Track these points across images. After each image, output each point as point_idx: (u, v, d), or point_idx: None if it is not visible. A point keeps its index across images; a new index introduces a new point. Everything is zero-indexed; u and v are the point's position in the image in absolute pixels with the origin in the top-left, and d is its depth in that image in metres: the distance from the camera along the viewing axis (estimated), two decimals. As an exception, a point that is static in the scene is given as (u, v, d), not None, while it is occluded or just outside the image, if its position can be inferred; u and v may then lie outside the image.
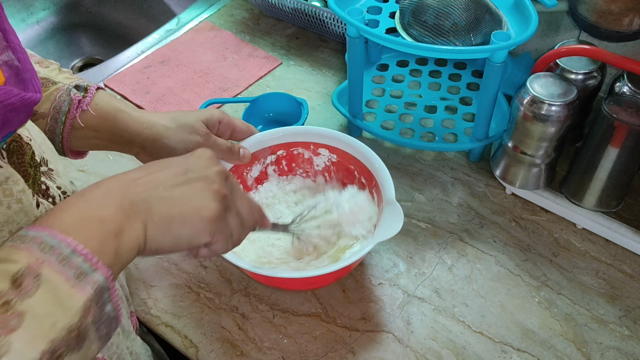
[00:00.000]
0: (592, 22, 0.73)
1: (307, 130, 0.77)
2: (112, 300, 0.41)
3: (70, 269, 0.39)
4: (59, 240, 0.40)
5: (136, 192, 0.45)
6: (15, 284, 0.37)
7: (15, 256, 0.39)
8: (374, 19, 0.79)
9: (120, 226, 0.43)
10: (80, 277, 0.39)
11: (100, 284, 0.40)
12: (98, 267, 0.40)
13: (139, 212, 0.45)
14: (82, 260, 0.40)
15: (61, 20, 1.37)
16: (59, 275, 0.38)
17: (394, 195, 0.66)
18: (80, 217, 0.42)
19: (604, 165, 0.72)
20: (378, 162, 0.71)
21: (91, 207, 0.43)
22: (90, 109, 0.64)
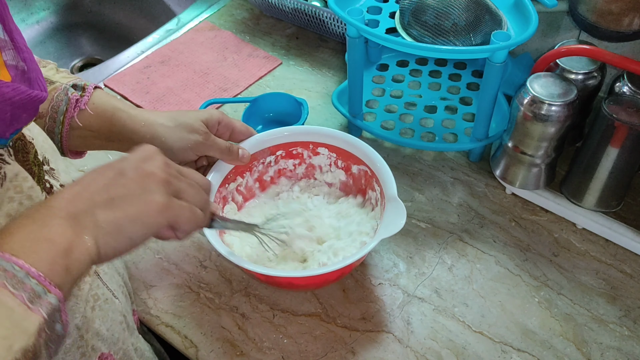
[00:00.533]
0: (592, 22, 0.73)
1: (307, 130, 0.77)
2: (62, 319, 0.42)
3: (24, 292, 0.39)
4: (11, 263, 0.40)
5: (78, 206, 0.45)
6: None
7: None
8: (374, 19, 0.79)
9: (70, 243, 0.43)
10: (33, 300, 0.39)
11: (53, 306, 0.40)
12: (51, 289, 0.40)
13: (86, 225, 0.44)
14: (35, 283, 0.40)
15: (61, 20, 1.37)
16: (14, 298, 0.39)
17: (395, 192, 0.66)
18: (28, 238, 0.42)
19: (604, 165, 0.72)
20: (379, 160, 0.71)
21: (38, 227, 0.43)
22: (88, 108, 0.64)
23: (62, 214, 0.44)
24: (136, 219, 0.46)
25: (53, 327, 0.41)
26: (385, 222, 0.64)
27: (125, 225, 0.46)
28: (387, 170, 0.69)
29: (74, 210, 0.45)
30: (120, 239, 0.46)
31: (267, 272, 0.63)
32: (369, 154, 0.72)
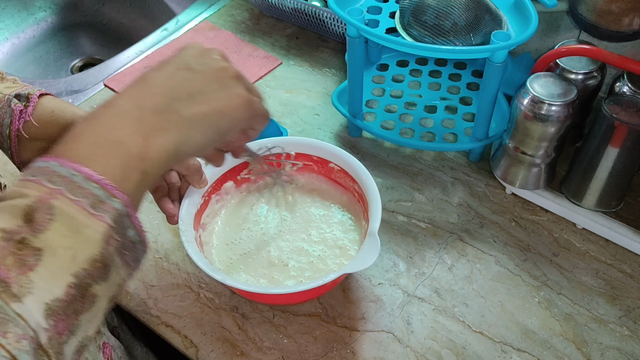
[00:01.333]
0: (592, 22, 0.73)
1: (297, 141, 0.77)
2: (135, 225, 0.39)
3: (84, 197, 0.36)
4: (68, 168, 0.37)
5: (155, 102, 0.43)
6: (28, 219, 0.35)
7: (24, 190, 0.36)
8: (374, 19, 0.79)
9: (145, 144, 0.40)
10: (96, 205, 0.37)
11: (119, 211, 0.38)
12: (114, 194, 0.38)
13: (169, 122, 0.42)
14: (96, 187, 0.37)
15: (61, 20, 1.37)
16: (73, 205, 0.36)
17: (377, 227, 0.64)
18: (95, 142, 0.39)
19: (604, 165, 0.72)
20: (373, 191, 0.69)
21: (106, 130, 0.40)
22: (35, 119, 0.59)
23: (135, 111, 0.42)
24: (224, 112, 0.45)
25: (124, 234, 0.38)
26: (359, 255, 0.63)
27: (213, 119, 0.45)
28: (378, 203, 0.67)
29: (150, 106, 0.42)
30: (207, 133, 0.44)
31: (239, 286, 0.63)
32: (366, 182, 0.71)
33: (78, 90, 1.02)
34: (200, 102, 0.44)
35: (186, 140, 0.43)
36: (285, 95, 0.98)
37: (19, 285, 0.33)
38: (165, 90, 0.44)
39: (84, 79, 1.04)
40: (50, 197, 0.36)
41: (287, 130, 0.86)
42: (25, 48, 1.33)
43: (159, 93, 0.44)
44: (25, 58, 1.32)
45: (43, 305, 0.34)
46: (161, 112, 0.42)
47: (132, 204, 0.39)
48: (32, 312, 0.33)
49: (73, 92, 1.02)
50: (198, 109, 0.44)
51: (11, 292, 0.33)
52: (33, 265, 0.34)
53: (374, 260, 0.61)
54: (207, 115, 0.44)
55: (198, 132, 0.44)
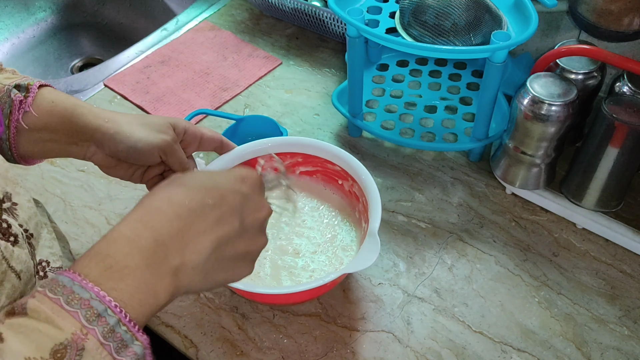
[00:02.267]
0: (592, 22, 0.73)
1: (297, 141, 0.77)
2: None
3: (114, 341, 0.37)
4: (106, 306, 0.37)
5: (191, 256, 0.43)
6: (57, 356, 0.35)
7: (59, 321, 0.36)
8: (374, 19, 0.79)
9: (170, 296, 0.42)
10: (120, 349, 0.37)
11: (138, 355, 0.39)
12: (138, 337, 0.39)
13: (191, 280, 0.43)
14: (125, 330, 0.38)
15: (61, 20, 1.37)
16: (101, 349, 0.37)
17: (377, 227, 0.65)
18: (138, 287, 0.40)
19: (604, 165, 0.72)
20: (373, 191, 0.69)
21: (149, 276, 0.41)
22: (35, 109, 0.59)
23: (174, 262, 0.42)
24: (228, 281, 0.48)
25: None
26: (359, 255, 0.63)
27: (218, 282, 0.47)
28: (378, 203, 0.67)
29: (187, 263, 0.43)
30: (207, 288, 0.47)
31: (241, 287, 0.63)
32: (365, 181, 0.71)
33: (78, 90, 1.02)
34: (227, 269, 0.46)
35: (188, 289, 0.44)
36: (285, 95, 0.98)
37: None
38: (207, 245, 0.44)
39: (84, 79, 1.04)
40: (83, 338, 0.36)
41: (287, 130, 0.86)
42: (25, 48, 1.33)
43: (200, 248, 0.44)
44: (25, 58, 1.32)
45: None
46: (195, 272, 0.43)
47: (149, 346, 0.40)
48: None
49: (73, 92, 1.02)
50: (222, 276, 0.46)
51: None
52: None
53: (374, 260, 0.61)
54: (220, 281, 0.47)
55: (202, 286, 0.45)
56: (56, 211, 0.83)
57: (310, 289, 0.62)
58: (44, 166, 0.88)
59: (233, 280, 0.48)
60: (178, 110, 0.97)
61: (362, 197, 0.71)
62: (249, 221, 0.47)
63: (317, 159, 0.76)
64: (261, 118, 0.88)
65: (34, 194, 0.85)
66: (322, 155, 0.75)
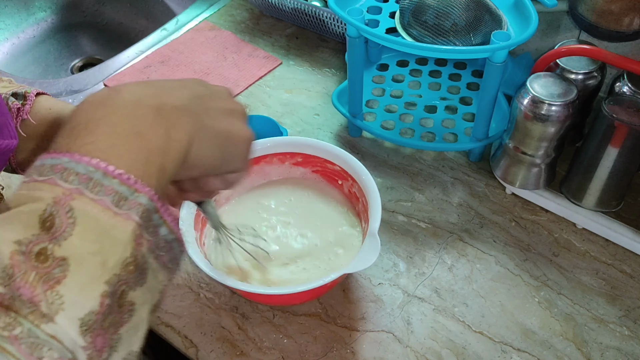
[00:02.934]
0: (592, 22, 0.73)
1: (296, 141, 0.77)
2: (166, 222, 0.36)
3: (105, 195, 0.33)
4: (84, 164, 0.33)
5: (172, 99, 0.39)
6: (46, 226, 0.31)
7: (36, 193, 0.32)
8: (374, 19, 0.79)
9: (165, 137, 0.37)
10: (119, 203, 0.33)
11: (145, 206, 0.34)
12: (138, 188, 0.34)
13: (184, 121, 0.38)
14: (117, 183, 0.33)
15: (61, 20, 1.37)
16: (95, 204, 0.32)
17: (377, 227, 0.65)
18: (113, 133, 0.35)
19: (604, 165, 0.72)
20: (373, 190, 0.69)
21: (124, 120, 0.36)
22: (33, 117, 0.57)
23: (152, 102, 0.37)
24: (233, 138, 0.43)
25: (156, 232, 0.35)
26: (359, 255, 0.63)
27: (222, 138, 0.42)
28: (378, 203, 0.67)
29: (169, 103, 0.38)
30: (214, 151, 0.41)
31: (234, 285, 0.63)
32: (365, 181, 0.71)
33: (78, 90, 1.02)
34: (215, 118, 0.42)
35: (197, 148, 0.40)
36: (285, 95, 0.98)
37: (48, 302, 0.30)
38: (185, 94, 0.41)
39: (84, 79, 1.04)
40: (68, 198, 0.32)
41: (287, 130, 0.86)
42: (25, 48, 1.33)
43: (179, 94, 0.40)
44: (25, 58, 1.32)
45: (77, 321, 0.30)
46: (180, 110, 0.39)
47: (159, 199, 0.36)
48: (66, 330, 0.30)
49: (73, 92, 1.02)
50: (212, 122, 0.41)
51: (40, 312, 0.30)
52: (60, 278, 0.30)
53: (374, 260, 0.61)
54: (219, 131, 0.42)
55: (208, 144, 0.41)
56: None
57: (310, 289, 0.62)
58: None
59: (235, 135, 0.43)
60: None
61: (362, 197, 0.71)
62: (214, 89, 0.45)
63: (317, 158, 0.76)
64: (261, 118, 0.88)
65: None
66: (322, 155, 0.75)
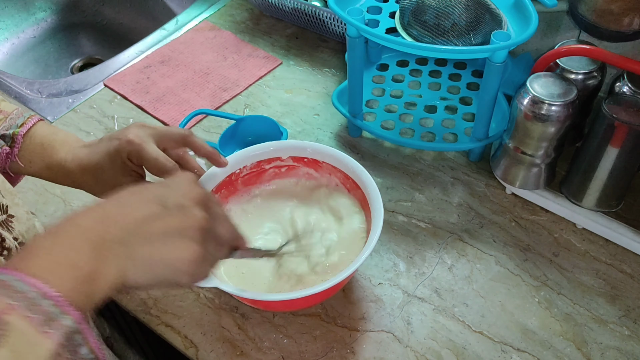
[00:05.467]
0: (592, 22, 0.73)
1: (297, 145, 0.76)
2: (88, 342, 0.40)
3: (38, 314, 0.37)
4: (25, 283, 0.38)
5: (113, 232, 0.43)
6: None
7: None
8: (374, 19, 0.79)
9: (96, 270, 0.42)
10: (48, 322, 0.37)
11: (70, 328, 0.38)
12: (67, 311, 0.38)
13: (117, 255, 0.43)
14: (50, 304, 0.38)
15: (61, 20, 1.37)
16: (26, 321, 0.37)
17: (378, 233, 0.65)
18: (52, 261, 0.40)
19: (604, 165, 0.72)
20: (375, 197, 0.68)
21: (64, 250, 0.41)
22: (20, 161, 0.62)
23: (93, 236, 0.42)
24: (169, 264, 0.45)
25: (76, 351, 0.39)
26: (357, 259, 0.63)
27: (157, 265, 0.45)
28: (380, 207, 0.67)
29: (108, 237, 0.43)
30: (148, 276, 0.45)
31: (253, 296, 0.64)
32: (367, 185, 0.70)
33: (78, 90, 1.02)
34: (154, 246, 0.45)
35: (130, 277, 0.44)
36: (285, 95, 0.98)
37: None
38: (130, 220, 0.44)
39: (84, 79, 1.04)
40: (6, 312, 0.36)
41: (287, 130, 0.86)
42: (25, 48, 1.33)
43: (122, 224, 0.44)
44: (25, 58, 1.32)
45: None
46: (115, 245, 0.43)
47: (85, 322, 0.40)
48: None
49: (73, 92, 1.02)
50: (148, 251, 0.44)
51: None
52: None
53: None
54: (153, 261, 0.45)
55: (141, 273, 0.44)
56: (56, 211, 0.83)
57: (312, 294, 0.61)
58: (44, 166, 0.88)
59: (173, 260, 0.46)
60: (178, 110, 0.97)
61: (365, 202, 0.71)
62: (174, 202, 0.46)
63: (323, 164, 0.76)
64: (261, 118, 0.88)
65: (34, 194, 0.85)
66: (320, 158, 0.75)
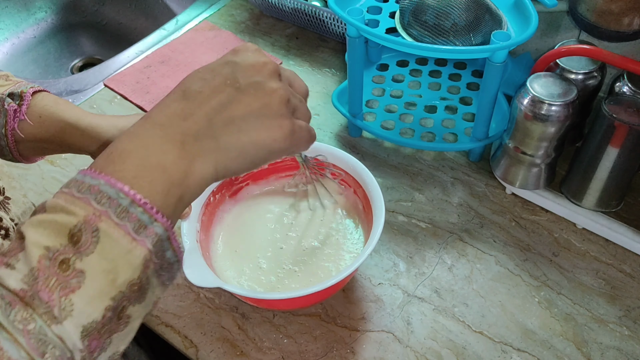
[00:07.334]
0: (592, 22, 0.73)
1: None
2: (173, 246, 0.40)
3: (129, 222, 0.37)
4: (117, 189, 0.37)
5: (195, 127, 0.42)
6: (74, 239, 0.36)
7: (71, 207, 0.37)
8: (374, 19, 0.79)
9: (185, 170, 0.41)
10: (139, 230, 0.37)
11: (160, 235, 0.38)
12: (157, 218, 0.38)
13: (205, 150, 0.42)
14: (141, 211, 0.38)
15: (61, 20, 1.37)
16: (117, 229, 0.37)
17: (379, 234, 0.65)
18: (139, 165, 0.39)
19: (604, 165, 0.72)
20: (377, 197, 0.69)
21: (151, 153, 0.40)
22: (29, 118, 0.60)
23: (177, 135, 0.41)
24: (262, 145, 0.43)
25: (163, 256, 0.39)
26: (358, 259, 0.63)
27: (249, 150, 0.43)
28: (381, 208, 0.67)
29: (190, 131, 0.41)
30: (243, 163, 0.43)
31: (261, 296, 0.64)
32: (370, 186, 0.71)
33: (78, 90, 1.02)
34: (240, 130, 0.43)
35: (223, 168, 0.43)
36: (285, 95, 0.98)
37: (61, 307, 0.34)
38: (208, 110, 0.43)
39: (84, 79, 1.04)
40: (96, 219, 0.36)
41: None
42: (25, 48, 1.33)
43: (202, 115, 0.42)
44: (25, 58, 1.32)
45: (80, 327, 0.35)
46: (202, 138, 0.42)
47: (172, 227, 0.40)
48: (70, 334, 0.35)
49: (73, 92, 1.02)
50: (236, 137, 0.43)
51: (52, 315, 0.34)
52: (75, 287, 0.35)
53: None
54: (245, 146, 0.43)
55: (235, 161, 0.43)
56: (56, 211, 0.83)
57: (312, 293, 0.61)
58: (44, 166, 0.88)
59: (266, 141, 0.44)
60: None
61: (367, 202, 0.71)
62: (246, 82, 0.44)
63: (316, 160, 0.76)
64: None
65: (34, 194, 0.85)
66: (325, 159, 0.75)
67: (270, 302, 0.68)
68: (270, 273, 0.70)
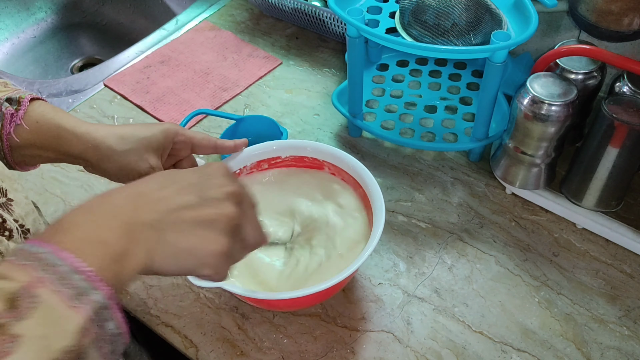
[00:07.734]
0: (592, 22, 0.73)
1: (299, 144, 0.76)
2: (115, 318, 0.40)
3: (68, 288, 0.37)
4: (60, 258, 0.38)
5: (146, 216, 0.43)
6: (12, 305, 0.36)
7: (14, 274, 0.37)
8: (374, 19, 0.79)
9: (126, 250, 0.42)
10: (78, 297, 0.38)
11: (100, 303, 0.39)
12: (98, 287, 0.39)
13: (148, 238, 0.43)
14: (80, 279, 0.38)
15: (61, 20, 1.37)
16: (55, 295, 0.37)
17: (379, 235, 0.65)
18: (83, 237, 0.41)
19: (604, 165, 0.72)
20: (378, 198, 0.68)
21: (96, 227, 0.41)
22: (25, 123, 0.60)
23: (125, 217, 0.42)
24: (196, 254, 0.45)
25: (103, 326, 0.39)
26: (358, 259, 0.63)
27: (183, 254, 0.45)
28: (381, 209, 0.67)
29: (139, 218, 0.43)
30: (172, 264, 0.44)
31: (263, 296, 0.64)
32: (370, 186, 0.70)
33: (78, 90, 1.02)
34: (183, 232, 0.45)
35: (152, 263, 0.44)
36: (285, 95, 0.98)
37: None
38: (164, 208, 0.44)
39: (84, 79, 1.04)
40: (36, 285, 0.37)
41: (287, 130, 0.86)
42: (25, 48, 1.33)
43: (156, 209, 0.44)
44: (25, 58, 1.32)
45: None
46: (148, 229, 0.43)
47: (114, 297, 0.40)
48: None
49: (73, 92, 1.02)
50: (177, 238, 0.44)
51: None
52: (9, 352, 0.35)
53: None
54: (181, 250, 0.45)
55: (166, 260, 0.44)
56: (56, 211, 0.83)
57: (312, 294, 0.61)
58: (43, 166, 0.88)
59: (200, 251, 0.45)
60: (178, 110, 0.97)
61: (367, 202, 0.71)
62: (210, 194, 0.46)
63: (317, 161, 0.76)
64: (261, 118, 0.88)
65: (34, 193, 0.85)
66: (322, 157, 0.75)
67: (271, 303, 0.68)
68: (269, 272, 0.70)
